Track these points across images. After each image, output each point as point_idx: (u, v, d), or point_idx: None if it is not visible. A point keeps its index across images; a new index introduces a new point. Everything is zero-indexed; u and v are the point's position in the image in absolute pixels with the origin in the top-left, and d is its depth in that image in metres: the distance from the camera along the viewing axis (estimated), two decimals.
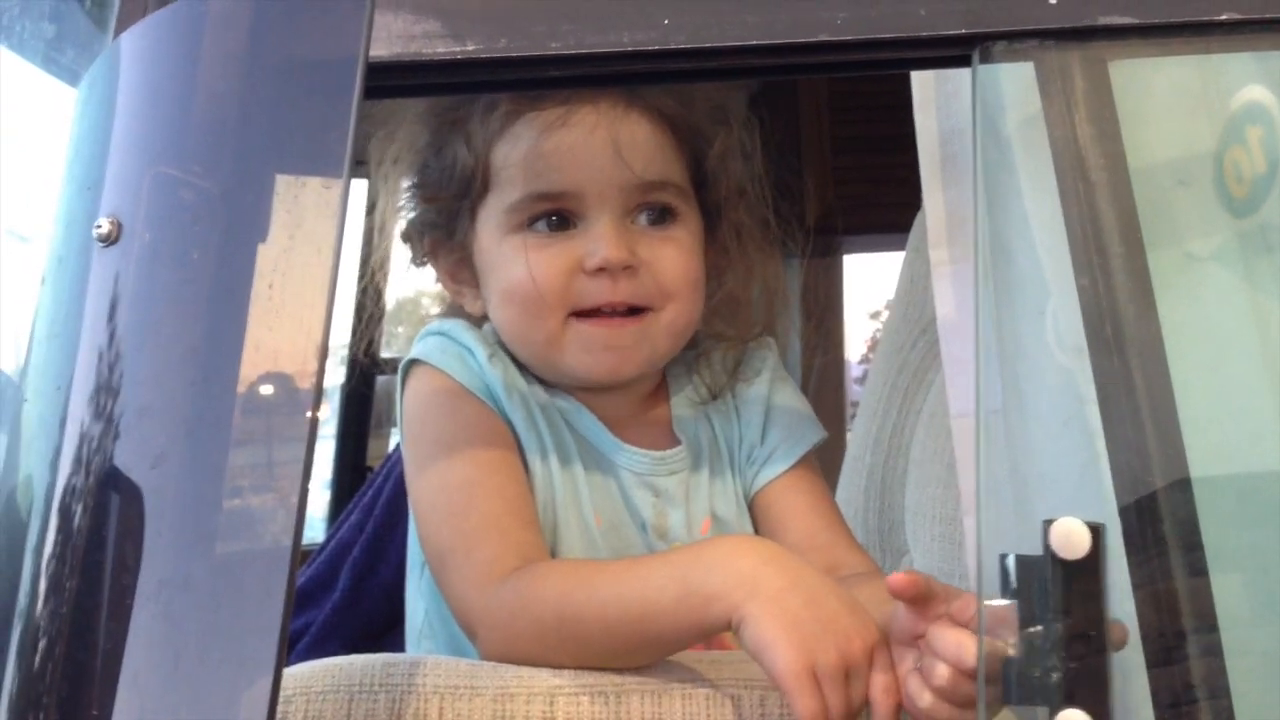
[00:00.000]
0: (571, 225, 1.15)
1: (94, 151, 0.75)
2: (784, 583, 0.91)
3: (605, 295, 1.14)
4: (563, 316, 1.15)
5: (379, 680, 0.96)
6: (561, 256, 1.14)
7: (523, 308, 1.16)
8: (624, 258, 1.13)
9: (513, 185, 1.15)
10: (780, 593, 0.90)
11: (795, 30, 0.82)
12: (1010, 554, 0.76)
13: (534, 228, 1.15)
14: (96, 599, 0.67)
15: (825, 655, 0.87)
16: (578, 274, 1.14)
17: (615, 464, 1.22)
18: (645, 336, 1.17)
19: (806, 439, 1.27)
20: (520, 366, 1.21)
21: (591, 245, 1.13)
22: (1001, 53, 0.88)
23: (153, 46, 0.75)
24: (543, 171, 1.14)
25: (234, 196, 0.71)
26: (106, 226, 0.70)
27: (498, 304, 1.19)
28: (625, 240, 1.13)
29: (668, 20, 0.81)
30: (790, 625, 0.88)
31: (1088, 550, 0.73)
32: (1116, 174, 0.84)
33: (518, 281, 1.15)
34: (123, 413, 0.69)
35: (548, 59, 0.81)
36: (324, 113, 0.71)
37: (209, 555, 0.66)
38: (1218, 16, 0.82)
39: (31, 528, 0.71)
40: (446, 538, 1.09)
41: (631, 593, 0.97)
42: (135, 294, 0.71)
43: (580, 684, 0.96)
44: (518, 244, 1.15)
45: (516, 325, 1.18)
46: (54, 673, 0.67)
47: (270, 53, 0.73)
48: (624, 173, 1.13)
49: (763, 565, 0.93)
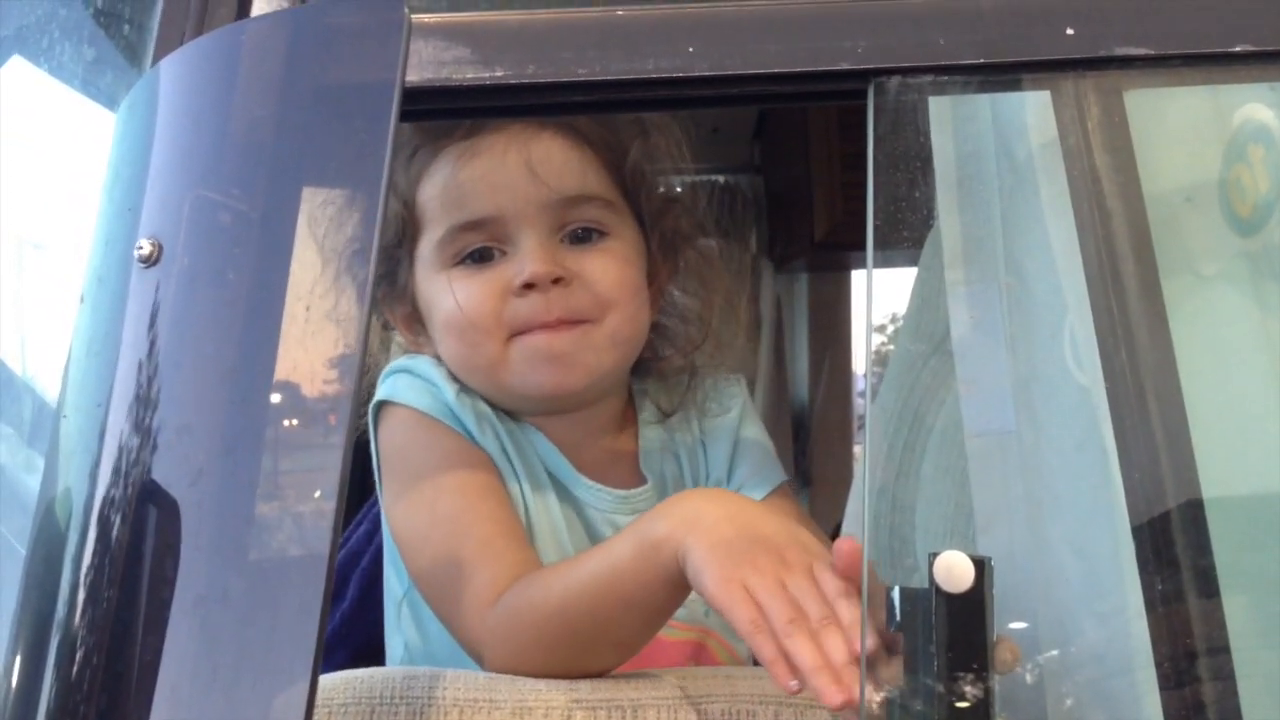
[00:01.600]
0: (499, 254, 1.15)
1: (134, 174, 0.76)
2: (720, 514, 0.92)
3: (539, 313, 1.13)
4: (502, 339, 1.15)
5: (399, 693, 0.97)
6: (490, 282, 1.14)
7: (460, 337, 1.16)
8: (550, 270, 1.12)
9: (437, 222, 1.16)
10: (716, 522, 0.91)
11: (816, 58, 0.84)
12: (896, 586, 0.76)
13: (463, 262, 1.16)
14: (134, 611, 0.69)
15: (754, 568, 0.87)
16: (508, 296, 1.14)
17: (578, 498, 1.22)
18: (587, 344, 1.15)
19: (774, 477, 1.27)
20: (484, 398, 1.21)
21: (518, 265, 1.13)
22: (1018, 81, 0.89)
23: (192, 72, 0.77)
24: (462, 202, 1.14)
25: (271, 219, 0.72)
26: (147, 247, 0.72)
27: (440, 339, 1.19)
28: (552, 256, 1.13)
29: (692, 48, 0.83)
30: (719, 545, 0.89)
31: (970, 584, 0.73)
32: (1130, 198, 0.85)
33: (450, 313, 1.15)
34: (161, 429, 0.71)
35: (575, 85, 0.82)
36: (360, 137, 0.72)
37: (246, 569, 0.67)
38: (1231, 48, 0.84)
39: (70, 540, 0.73)
40: (443, 568, 1.09)
41: (599, 563, 0.98)
42: (174, 313, 0.72)
43: (599, 698, 0.98)
44: (452, 277, 1.16)
45: (460, 355, 1.17)
46: (92, 684, 0.69)
47: (307, 78, 0.75)
48: (540, 191, 1.13)
49: (704, 503, 0.94)
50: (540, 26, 0.84)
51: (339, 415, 0.70)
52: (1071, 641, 0.92)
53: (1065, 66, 0.86)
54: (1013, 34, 0.86)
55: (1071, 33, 0.84)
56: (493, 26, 0.83)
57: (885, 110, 0.82)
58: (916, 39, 0.84)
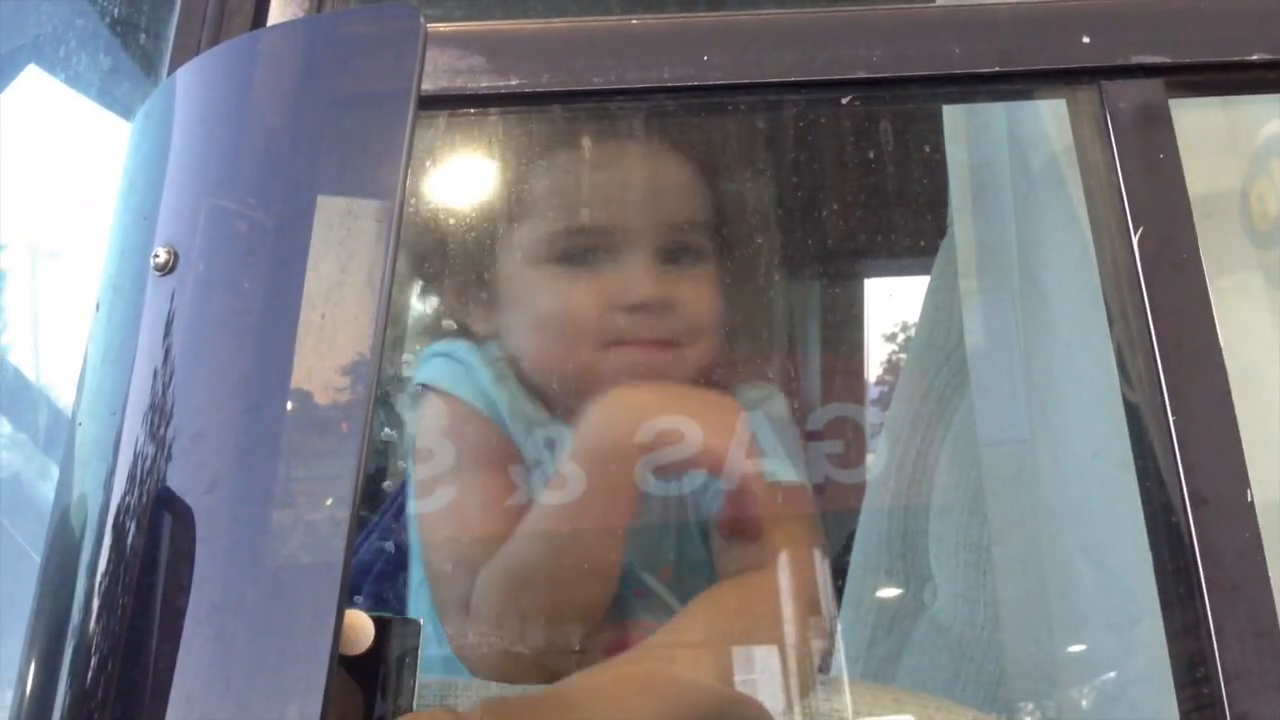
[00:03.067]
0: (601, 260, 1.16)
1: (150, 182, 0.77)
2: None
3: (641, 332, 1.15)
4: (598, 347, 1.16)
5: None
6: (595, 292, 1.15)
7: (557, 339, 1.17)
8: (660, 296, 1.14)
9: (547, 217, 1.17)
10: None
11: (832, 67, 0.84)
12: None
13: (565, 260, 1.17)
14: (149, 619, 0.69)
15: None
16: (613, 309, 1.15)
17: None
18: (677, 367, 1.17)
19: (800, 468, 1.26)
20: (523, 387, 1.20)
21: (626, 283, 1.14)
22: (1032, 91, 0.89)
23: (207, 82, 0.77)
24: (581, 208, 1.16)
25: (287, 228, 0.72)
26: (163, 255, 0.72)
27: (526, 331, 1.19)
28: (659, 278, 1.15)
29: (706, 56, 0.83)
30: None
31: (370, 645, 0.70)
32: (1148, 209, 0.85)
33: (551, 313, 1.16)
34: (177, 437, 0.71)
35: (589, 93, 0.82)
36: (376, 145, 0.72)
37: (261, 578, 0.67)
38: (1249, 57, 0.84)
39: (85, 548, 0.73)
40: (452, 555, 1.12)
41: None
42: (190, 321, 0.72)
43: None
44: (549, 275, 1.16)
45: (547, 353, 1.18)
46: (106, 691, 0.69)
47: (322, 87, 0.75)
48: (660, 212, 1.15)
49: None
50: (555, 35, 0.84)
51: (353, 423, 0.69)
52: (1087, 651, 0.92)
53: (1080, 76, 0.86)
54: (1028, 43, 0.86)
55: (1088, 40, 0.84)
56: (508, 35, 0.84)
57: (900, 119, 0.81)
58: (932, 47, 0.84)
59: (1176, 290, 0.82)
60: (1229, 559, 0.80)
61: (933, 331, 1.71)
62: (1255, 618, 0.79)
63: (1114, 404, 0.88)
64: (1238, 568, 0.80)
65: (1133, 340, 0.84)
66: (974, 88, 0.86)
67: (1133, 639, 0.91)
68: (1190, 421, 0.81)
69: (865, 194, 1.34)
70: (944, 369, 1.64)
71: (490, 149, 1.22)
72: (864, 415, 2.42)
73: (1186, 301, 0.82)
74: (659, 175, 1.16)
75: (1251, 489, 0.81)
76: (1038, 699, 1.10)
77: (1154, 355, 0.82)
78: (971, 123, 1.10)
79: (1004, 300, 1.02)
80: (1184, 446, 0.81)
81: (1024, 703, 1.19)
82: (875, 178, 1.25)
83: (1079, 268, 0.92)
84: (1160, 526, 0.83)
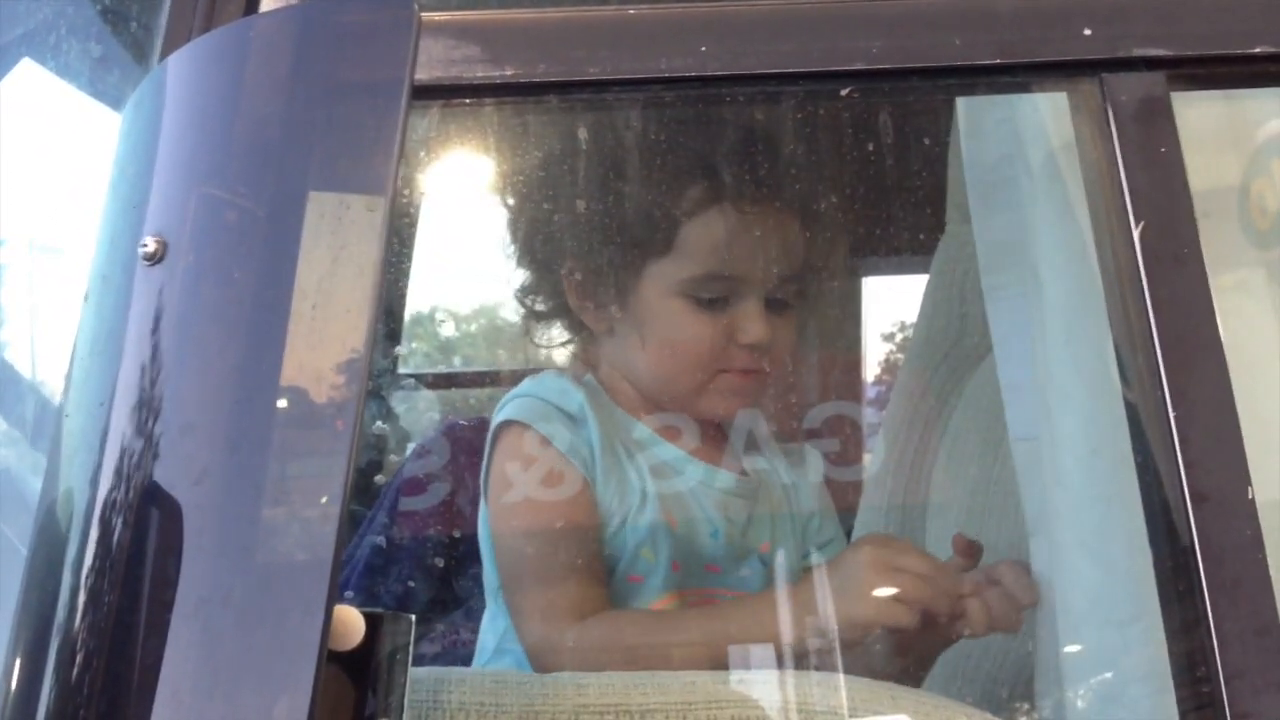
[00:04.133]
0: (728, 301, 1.36)
1: (139, 171, 0.76)
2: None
3: (749, 363, 1.37)
4: (712, 372, 1.36)
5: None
6: (719, 328, 1.36)
7: (681, 363, 1.37)
8: (769, 339, 1.35)
9: (694, 259, 1.34)
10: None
11: (830, 59, 0.83)
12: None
13: (698, 297, 1.35)
14: (136, 613, 0.68)
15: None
16: (729, 343, 1.36)
17: (689, 478, 1.40)
18: (762, 388, 1.40)
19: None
20: (617, 402, 1.40)
21: (744, 323, 1.35)
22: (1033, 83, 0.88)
23: (198, 69, 0.76)
24: (726, 258, 1.34)
25: (278, 217, 0.71)
26: (152, 245, 0.71)
27: (655, 352, 1.38)
28: (768, 322, 1.36)
29: (705, 47, 0.82)
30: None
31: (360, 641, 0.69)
32: (1149, 204, 0.84)
33: (685, 342, 1.36)
34: (165, 429, 0.70)
35: (586, 84, 0.82)
36: (369, 134, 0.71)
37: (249, 571, 0.66)
38: (1251, 50, 0.83)
39: (71, 541, 0.72)
40: (530, 581, 1.32)
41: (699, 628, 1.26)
42: (179, 312, 0.71)
43: (605, 703, 0.97)
44: (683, 308, 1.35)
45: (668, 373, 1.39)
46: (92, 687, 0.68)
47: (315, 75, 0.74)
48: (782, 267, 1.36)
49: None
50: (551, 25, 0.83)
51: (345, 415, 0.69)
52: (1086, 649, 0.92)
53: (1082, 68, 0.85)
54: (1029, 35, 0.85)
55: (1089, 33, 0.83)
56: (503, 24, 0.83)
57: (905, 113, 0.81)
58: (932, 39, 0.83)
59: (1178, 285, 0.81)
60: (1229, 556, 0.79)
61: (931, 329, 1.70)
62: (1256, 616, 0.78)
63: (1113, 400, 0.87)
64: (1238, 565, 0.79)
65: (1133, 336, 0.83)
66: (974, 80, 0.85)
67: (1132, 637, 0.91)
68: (1191, 417, 0.80)
69: (863, 189, 1.37)
70: (942, 367, 1.64)
71: (489, 140, 1.25)
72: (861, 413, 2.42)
73: (1188, 296, 0.81)
74: (787, 234, 1.36)
75: (1252, 486, 0.80)
76: (1035, 697, 1.10)
77: (1154, 351, 0.81)
78: (986, 116, 1.09)
79: (1027, 295, 1.02)
80: (1184, 443, 0.80)
81: (1021, 701, 1.18)
82: (873, 173, 1.25)
83: (1078, 262, 0.91)
84: (1160, 524, 0.82)
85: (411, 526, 1.87)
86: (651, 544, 1.35)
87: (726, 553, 1.38)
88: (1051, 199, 0.93)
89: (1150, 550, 0.82)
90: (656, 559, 1.34)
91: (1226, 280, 0.94)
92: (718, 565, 1.38)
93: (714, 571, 1.38)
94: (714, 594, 1.36)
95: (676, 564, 1.35)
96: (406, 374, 2.46)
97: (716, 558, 1.38)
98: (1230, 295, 0.94)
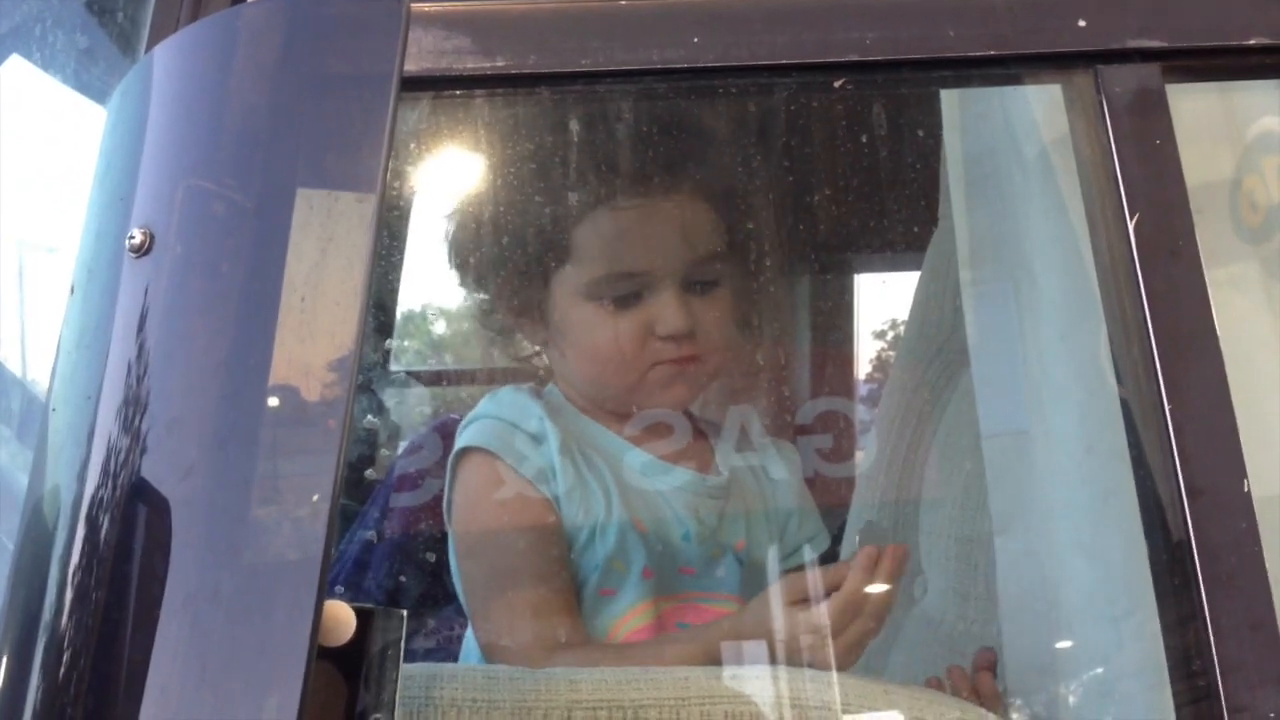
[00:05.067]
0: (640, 298, 1.34)
1: (126, 163, 0.75)
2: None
3: (677, 352, 1.35)
4: (642, 369, 1.35)
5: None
6: (636, 325, 1.34)
7: (605, 366, 1.36)
8: (689, 326, 1.33)
9: (594, 262, 1.34)
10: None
11: (824, 50, 0.83)
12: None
13: (609, 299, 1.34)
14: (123, 610, 0.67)
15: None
16: (650, 337, 1.34)
17: (655, 479, 1.38)
18: (701, 375, 1.38)
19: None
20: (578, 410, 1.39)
21: (661, 314, 1.33)
22: (1027, 75, 0.88)
23: (185, 60, 0.75)
24: (624, 255, 1.34)
25: (266, 209, 0.71)
26: (139, 237, 0.70)
27: (579, 360, 1.38)
28: (687, 310, 1.34)
29: (697, 38, 0.82)
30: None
31: (351, 637, 0.68)
32: (1144, 196, 0.84)
33: (602, 346, 1.35)
34: (153, 424, 0.69)
35: (577, 75, 0.81)
36: (358, 127, 0.71)
37: (238, 567, 0.66)
38: (1246, 41, 0.82)
39: (58, 538, 0.71)
40: (493, 616, 1.30)
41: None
42: (166, 305, 0.71)
43: (598, 699, 0.96)
44: (595, 312, 1.34)
45: (599, 378, 1.38)
46: (80, 684, 0.67)
47: (303, 66, 0.73)
48: (689, 252, 1.34)
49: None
50: (542, 16, 0.83)
51: (335, 410, 0.68)
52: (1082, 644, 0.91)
53: (1076, 60, 0.85)
54: (1023, 27, 0.84)
55: (1083, 25, 0.82)
56: (493, 15, 0.82)
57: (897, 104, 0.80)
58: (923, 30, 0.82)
59: (1173, 278, 0.81)
60: (1225, 551, 0.79)
61: (924, 324, 1.70)
62: (1251, 610, 0.78)
63: (1108, 395, 0.87)
64: (1234, 560, 0.79)
65: (1128, 329, 0.83)
66: (968, 72, 0.85)
67: (1128, 632, 0.90)
68: (1186, 411, 0.80)
69: (856, 182, 1.36)
70: (935, 361, 1.63)
71: (477, 132, 1.24)
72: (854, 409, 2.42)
73: (1183, 289, 0.81)
74: (689, 220, 1.34)
75: (1248, 480, 0.80)
76: (1031, 693, 1.10)
77: (1149, 344, 0.81)
78: (970, 110, 1.09)
79: (1005, 291, 1.02)
80: (1180, 437, 0.80)
81: (1016, 697, 1.18)
82: (867, 165, 1.24)
83: (1072, 256, 0.91)
84: (1156, 519, 0.82)
85: (403, 522, 1.86)
86: (622, 554, 1.33)
87: (700, 554, 1.36)
88: (1045, 192, 0.93)
89: (1146, 545, 0.82)
90: (628, 569, 1.33)
91: (1218, 276, 0.94)
92: (692, 567, 1.37)
93: (688, 574, 1.36)
94: (689, 598, 1.35)
95: (649, 571, 1.33)
96: (398, 369, 2.45)
97: (690, 559, 1.36)
98: (1222, 291, 0.94)
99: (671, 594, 1.34)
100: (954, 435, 1.47)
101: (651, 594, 1.33)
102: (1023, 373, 0.93)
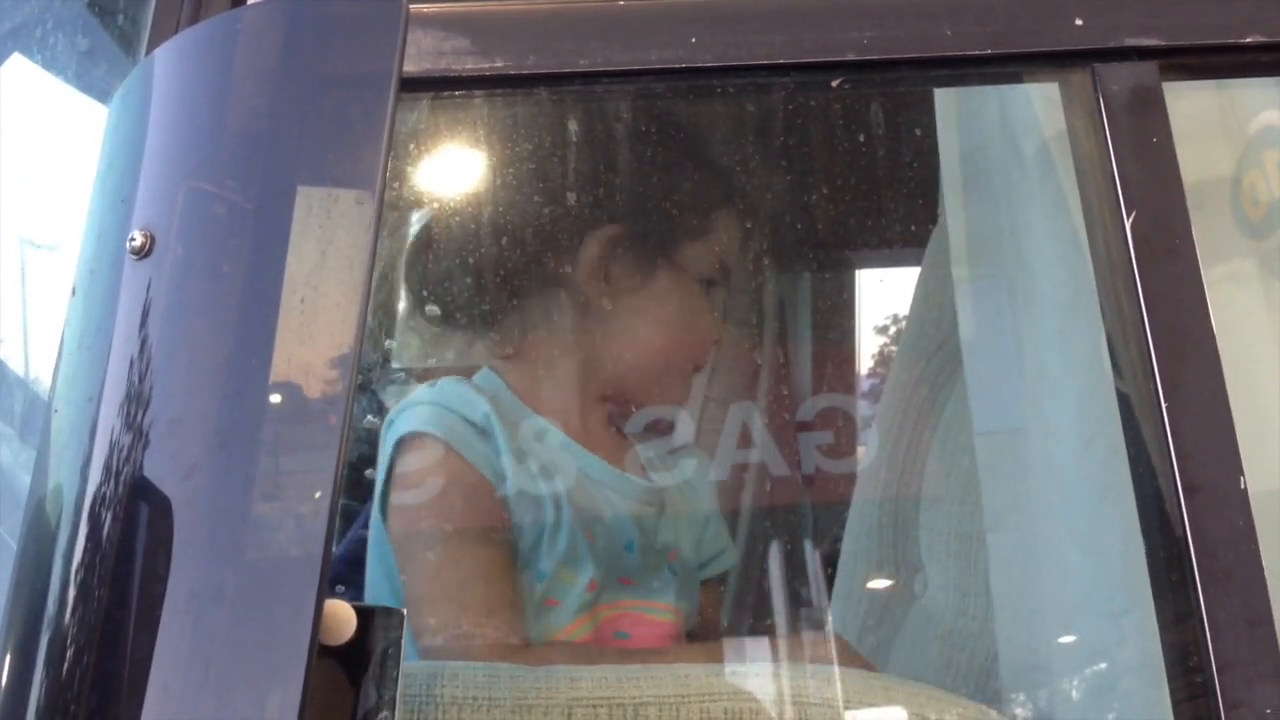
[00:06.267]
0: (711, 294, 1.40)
1: (127, 164, 0.75)
2: None
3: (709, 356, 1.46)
4: (699, 358, 1.43)
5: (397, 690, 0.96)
6: (709, 318, 1.39)
7: (678, 348, 1.38)
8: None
9: (712, 252, 1.37)
10: None
11: (822, 49, 0.83)
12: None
13: (702, 284, 1.38)
14: (126, 609, 0.68)
15: None
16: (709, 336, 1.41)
17: (604, 487, 1.34)
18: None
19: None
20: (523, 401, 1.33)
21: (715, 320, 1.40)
22: (1024, 74, 0.88)
23: (186, 61, 0.75)
24: (729, 251, 1.40)
25: (266, 210, 0.71)
26: (140, 239, 0.71)
27: (650, 340, 1.36)
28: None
29: (695, 38, 0.82)
30: None
31: (352, 635, 0.68)
32: (1141, 194, 0.84)
33: (697, 326, 1.38)
34: (154, 424, 0.69)
35: (576, 75, 0.81)
36: (357, 127, 0.71)
37: (240, 566, 0.66)
38: (1243, 39, 0.83)
39: (61, 537, 0.71)
40: (437, 604, 1.23)
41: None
42: (168, 306, 0.71)
43: (598, 696, 0.97)
44: (696, 294, 1.37)
45: (670, 354, 1.37)
46: (83, 682, 0.68)
47: (303, 68, 0.74)
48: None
49: None
50: (541, 16, 0.83)
51: (335, 409, 0.68)
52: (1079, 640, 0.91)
53: (1073, 59, 0.85)
54: (1021, 26, 0.85)
55: (1081, 23, 0.83)
56: (492, 16, 0.82)
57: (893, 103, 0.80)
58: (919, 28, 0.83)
59: (1170, 275, 0.81)
60: (1222, 547, 0.79)
61: (924, 320, 1.70)
62: (1248, 607, 0.78)
63: (1106, 391, 0.87)
64: (1231, 556, 0.79)
65: (1125, 326, 0.83)
66: (965, 71, 0.85)
67: (1125, 628, 0.91)
68: (1183, 408, 0.80)
69: (855, 180, 1.36)
70: (935, 358, 1.63)
71: (476, 133, 1.24)
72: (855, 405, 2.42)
73: (1180, 286, 0.81)
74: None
75: (1245, 477, 0.80)
76: (1029, 689, 1.10)
77: (1147, 341, 0.81)
78: (964, 107, 1.09)
79: (998, 288, 1.02)
80: (1177, 433, 0.80)
81: (1015, 693, 1.18)
82: (865, 164, 1.24)
83: (1070, 253, 0.91)
84: (1153, 515, 0.82)
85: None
86: (571, 564, 1.28)
87: (640, 564, 1.33)
88: (1043, 190, 0.93)
89: (1143, 542, 0.82)
90: (575, 581, 1.28)
91: (1219, 272, 0.94)
92: (631, 578, 1.33)
93: (628, 584, 1.33)
94: (626, 606, 1.31)
95: (594, 583, 1.28)
96: (398, 368, 2.45)
97: (629, 570, 1.33)
98: (1223, 287, 0.94)
99: (611, 603, 1.30)
100: (954, 431, 1.47)
101: (592, 605, 1.29)
102: (1018, 370, 0.93)
